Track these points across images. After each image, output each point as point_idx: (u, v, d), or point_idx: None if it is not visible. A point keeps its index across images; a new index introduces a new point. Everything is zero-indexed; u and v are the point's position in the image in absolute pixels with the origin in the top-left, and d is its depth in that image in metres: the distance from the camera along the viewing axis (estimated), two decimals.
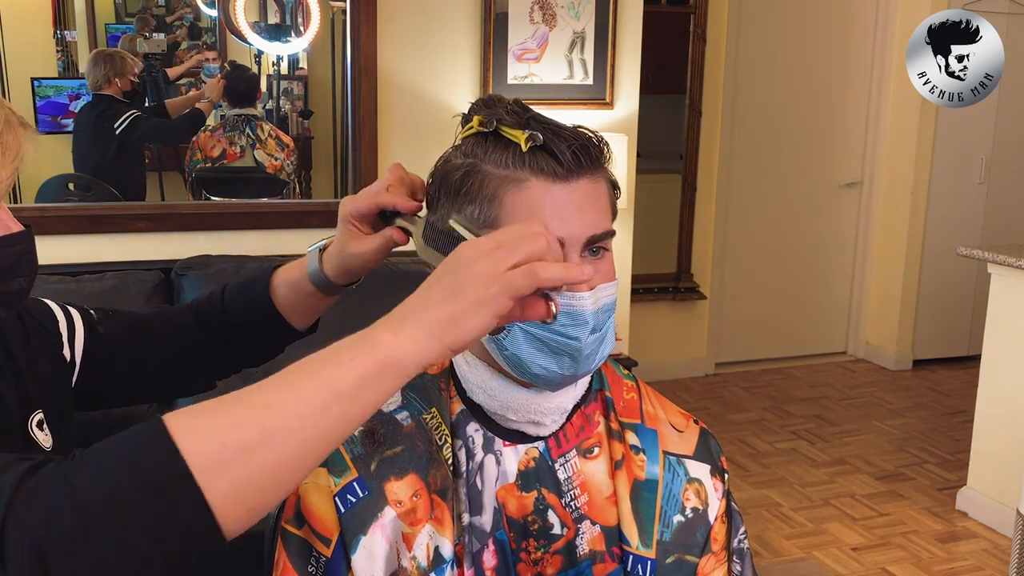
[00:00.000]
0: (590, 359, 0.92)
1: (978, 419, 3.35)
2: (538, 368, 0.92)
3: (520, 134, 0.90)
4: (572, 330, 0.89)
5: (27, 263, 0.96)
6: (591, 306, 0.89)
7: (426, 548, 0.94)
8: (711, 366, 4.92)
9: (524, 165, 0.89)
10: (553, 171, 0.89)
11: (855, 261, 5.17)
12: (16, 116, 0.92)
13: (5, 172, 0.90)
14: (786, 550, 3.10)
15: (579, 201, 0.90)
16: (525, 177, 0.89)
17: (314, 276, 1.09)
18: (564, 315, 0.89)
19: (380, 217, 1.02)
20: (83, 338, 1.11)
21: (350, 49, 2.99)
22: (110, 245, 2.84)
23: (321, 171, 3.38)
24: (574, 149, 0.89)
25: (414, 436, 0.98)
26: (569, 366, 0.91)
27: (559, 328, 0.89)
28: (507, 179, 0.90)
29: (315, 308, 1.15)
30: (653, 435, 1.05)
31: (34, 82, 2.96)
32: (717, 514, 1.07)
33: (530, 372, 0.92)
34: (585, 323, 0.89)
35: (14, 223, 0.94)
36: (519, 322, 0.88)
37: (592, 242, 0.91)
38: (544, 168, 0.89)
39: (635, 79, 3.37)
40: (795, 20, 4.77)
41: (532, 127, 0.90)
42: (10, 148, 0.90)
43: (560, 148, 0.89)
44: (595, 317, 0.90)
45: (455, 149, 0.96)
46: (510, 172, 0.90)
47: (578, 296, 0.88)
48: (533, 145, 0.89)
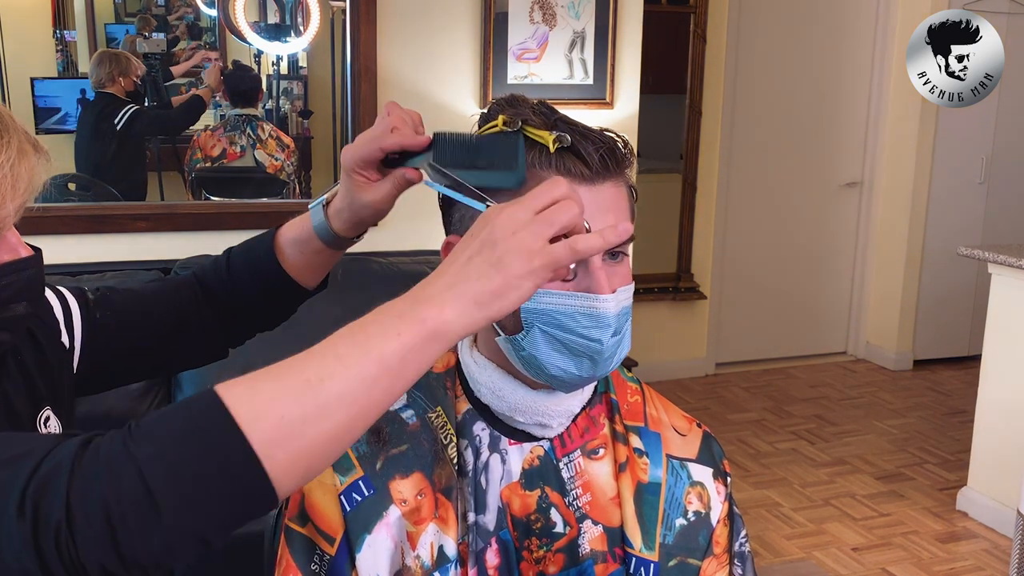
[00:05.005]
0: (609, 361, 0.92)
1: (978, 419, 3.35)
2: (556, 370, 0.91)
3: (547, 135, 0.89)
4: (595, 332, 0.89)
5: (34, 288, 0.95)
6: (613, 309, 0.89)
7: (430, 547, 0.94)
8: (711, 366, 4.92)
9: (551, 166, 0.89)
10: (580, 173, 0.89)
11: (855, 261, 5.17)
12: (31, 141, 0.90)
13: (16, 203, 0.89)
14: (786, 550, 3.10)
15: (603, 204, 0.90)
16: (551, 178, 0.89)
17: (321, 232, 1.07)
18: (586, 317, 0.89)
19: (383, 162, 0.99)
20: (80, 321, 1.09)
21: (350, 49, 2.99)
22: (110, 245, 2.84)
23: (321, 171, 3.37)
24: (601, 152, 0.89)
25: (419, 435, 0.98)
26: (588, 368, 0.91)
27: (581, 330, 0.89)
28: (533, 180, 0.89)
29: (324, 264, 1.14)
30: (656, 438, 1.05)
31: (34, 82, 2.96)
32: (719, 517, 1.07)
33: (547, 373, 0.92)
34: (608, 325, 0.89)
35: (23, 247, 0.93)
36: (539, 324, 0.89)
37: (614, 246, 0.91)
38: (571, 170, 0.89)
39: (635, 79, 3.37)
40: (795, 20, 4.77)
41: (560, 128, 0.90)
42: (22, 178, 0.88)
43: (588, 150, 0.89)
44: (617, 320, 0.90)
45: None
46: (536, 173, 0.90)
47: (601, 298, 0.88)
48: (560, 146, 0.89)
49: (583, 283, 0.90)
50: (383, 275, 2.77)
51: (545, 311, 0.90)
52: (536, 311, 0.90)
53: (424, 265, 2.73)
